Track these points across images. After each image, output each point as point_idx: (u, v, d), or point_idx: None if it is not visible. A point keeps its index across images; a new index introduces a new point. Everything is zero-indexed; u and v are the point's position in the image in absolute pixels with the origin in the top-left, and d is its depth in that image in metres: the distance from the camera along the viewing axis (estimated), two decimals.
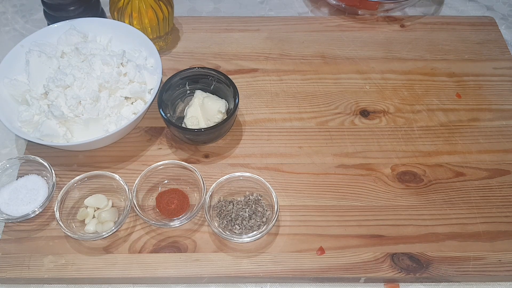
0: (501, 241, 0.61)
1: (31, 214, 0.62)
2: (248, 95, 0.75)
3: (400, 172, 0.67)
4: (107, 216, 0.61)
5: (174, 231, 0.62)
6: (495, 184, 0.66)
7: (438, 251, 0.60)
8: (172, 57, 0.79)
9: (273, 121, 0.72)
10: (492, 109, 0.74)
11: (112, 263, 0.59)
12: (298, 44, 0.81)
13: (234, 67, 0.78)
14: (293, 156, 0.68)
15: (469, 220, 0.63)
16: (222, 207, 0.62)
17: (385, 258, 0.60)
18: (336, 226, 0.62)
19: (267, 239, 0.61)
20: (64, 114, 0.64)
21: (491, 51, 0.80)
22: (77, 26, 0.73)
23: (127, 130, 0.68)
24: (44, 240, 0.61)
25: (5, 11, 0.90)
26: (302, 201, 0.64)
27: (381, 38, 0.82)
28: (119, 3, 0.74)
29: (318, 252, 0.60)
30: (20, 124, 0.65)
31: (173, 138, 0.70)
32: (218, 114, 0.67)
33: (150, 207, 0.63)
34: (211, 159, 0.68)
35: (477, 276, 0.59)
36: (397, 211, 0.63)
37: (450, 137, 0.70)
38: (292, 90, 0.76)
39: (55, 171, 0.64)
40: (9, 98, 0.68)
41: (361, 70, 0.78)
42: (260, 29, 0.83)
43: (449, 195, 0.65)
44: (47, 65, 0.68)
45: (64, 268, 0.59)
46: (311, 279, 0.59)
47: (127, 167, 0.67)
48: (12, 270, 0.59)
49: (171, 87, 0.70)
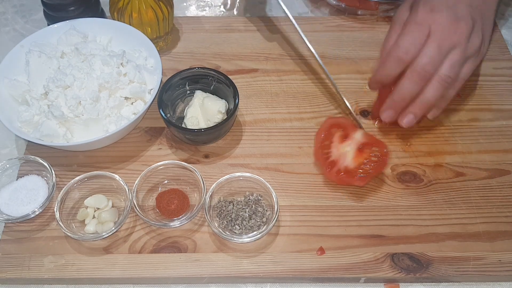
0: (501, 241, 0.61)
1: (31, 214, 0.62)
2: (248, 95, 0.75)
3: (400, 172, 0.67)
4: (107, 216, 0.61)
5: (174, 231, 0.62)
6: (495, 184, 0.66)
7: (438, 251, 0.60)
8: (172, 57, 0.79)
9: (273, 121, 0.72)
10: (492, 109, 0.74)
11: (112, 263, 0.59)
12: (298, 44, 0.81)
13: (234, 67, 0.78)
14: (293, 156, 0.68)
15: (469, 220, 0.63)
16: (222, 207, 0.62)
17: (385, 258, 0.60)
18: (336, 226, 0.62)
19: (267, 239, 0.61)
20: (64, 114, 0.64)
21: (491, 51, 0.80)
22: (77, 26, 0.73)
23: (127, 130, 0.68)
24: (44, 241, 0.61)
25: (5, 11, 0.90)
26: (302, 201, 0.64)
27: (381, 38, 0.81)
28: (119, 3, 0.74)
29: (318, 252, 0.60)
30: (20, 124, 0.65)
31: (173, 138, 0.70)
32: (218, 114, 0.67)
33: (150, 207, 0.63)
34: (211, 159, 0.68)
35: (477, 276, 0.59)
36: (397, 211, 0.63)
37: (450, 137, 0.70)
38: (292, 90, 0.76)
39: (55, 171, 0.64)
40: (9, 98, 0.68)
41: (361, 70, 0.78)
42: (260, 29, 0.83)
43: (449, 195, 0.65)
44: (47, 65, 0.68)
45: (64, 269, 0.59)
46: (311, 279, 0.59)
47: (127, 167, 0.67)
48: (12, 270, 0.59)
49: (171, 87, 0.70)
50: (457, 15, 0.61)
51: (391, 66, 0.62)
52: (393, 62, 0.62)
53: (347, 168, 0.63)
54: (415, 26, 0.61)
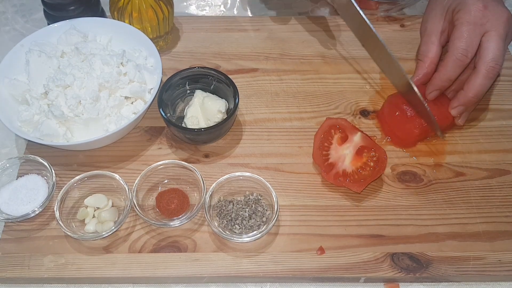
0: (501, 241, 0.61)
1: (31, 213, 0.62)
2: (248, 95, 0.75)
3: (400, 172, 0.67)
4: (107, 216, 0.61)
5: (174, 231, 0.62)
6: (495, 184, 0.66)
7: (438, 251, 0.60)
8: (172, 57, 0.79)
9: (273, 121, 0.72)
10: (492, 109, 0.74)
11: (112, 262, 0.59)
12: (298, 44, 0.81)
13: (234, 67, 0.78)
14: (293, 156, 0.68)
15: (469, 220, 0.63)
16: (222, 206, 0.62)
17: (385, 258, 0.60)
18: (336, 226, 0.62)
19: (267, 239, 0.61)
20: (64, 114, 0.64)
21: None
22: (77, 26, 0.73)
23: (127, 130, 0.68)
24: (44, 240, 0.61)
25: (5, 11, 0.90)
26: (302, 200, 0.64)
27: (380, 38, 0.82)
28: (119, 3, 0.74)
29: (318, 252, 0.60)
30: (20, 123, 0.65)
31: (173, 138, 0.70)
32: (218, 114, 0.67)
33: (150, 206, 0.63)
34: (211, 159, 0.68)
35: (477, 276, 0.59)
36: (397, 211, 0.63)
37: (450, 137, 0.70)
38: (292, 90, 0.76)
39: (55, 170, 0.64)
40: (9, 98, 0.68)
41: (361, 70, 0.78)
42: (260, 29, 0.83)
43: (449, 195, 0.65)
44: (47, 65, 0.68)
45: (64, 268, 0.59)
46: (311, 279, 0.59)
47: (127, 167, 0.67)
48: (12, 269, 0.59)
49: (171, 87, 0.70)
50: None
51: (452, 69, 0.64)
52: (454, 64, 0.64)
53: (345, 171, 0.64)
54: (471, 26, 0.64)
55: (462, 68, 0.65)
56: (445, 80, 0.66)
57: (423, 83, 0.69)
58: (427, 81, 0.69)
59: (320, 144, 0.65)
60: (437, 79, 0.66)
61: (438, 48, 0.68)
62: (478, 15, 0.64)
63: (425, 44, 0.69)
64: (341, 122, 0.66)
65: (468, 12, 0.64)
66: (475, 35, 0.64)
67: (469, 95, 0.64)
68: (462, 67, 0.65)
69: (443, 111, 0.67)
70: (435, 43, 0.68)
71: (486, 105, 0.74)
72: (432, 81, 0.67)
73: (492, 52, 0.63)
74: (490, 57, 0.63)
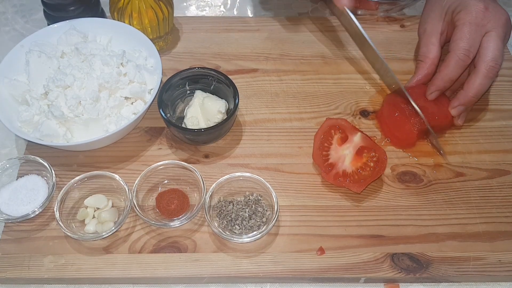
0: (501, 241, 0.61)
1: (31, 214, 0.62)
2: (248, 95, 0.75)
3: (400, 172, 0.67)
4: (107, 216, 0.61)
5: (174, 231, 0.62)
6: (495, 184, 0.66)
7: (438, 251, 0.60)
8: (172, 57, 0.79)
9: (273, 121, 0.72)
10: (492, 109, 0.74)
11: (112, 263, 0.59)
12: (298, 44, 0.81)
13: (234, 67, 0.78)
14: (293, 156, 0.68)
15: (469, 220, 0.63)
16: (222, 207, 0.62)
17: (385, 258, 0.60)
18: (336, 226, 0.62)
19: (267, 239, 0.61)
20: (64, 114, 0.64)
21: None
22: (77, 26, 0.73)
23: (127, 130, 0.68)
24: (44, 240, 0.61)
25: (5, 11, 0.90)
26: (302, 201, 0.64)
27: (381, 38, 0.82)
28: (119, 3, 0.74)
29: (318, 252, 0.60)
30: (20, 124, 0.65)
31: (173, 138, 0.70)
32: (218, 114, 0.67)
33: (150, 207, 0.63)
34: (211, 159, 0.68)
35: (477, 276, 0.59)
36: (397, 211, 0.63)
37: (450, 137, 0.70)
38: (292, 90, 0.76)
39: (55, 171, 0.64)
40: (9, 98, 0.68)
41: (361, 70, 0.78)
42: (260, 29, 0.83)
43: (449, 195, 0.65)
44: (47, 65, 0.68)
45: (64, 268, 0.59)
46: (311, 279, 0.59)
47: (127, 167, 0.67)
48: (12, 270, 0.59)
49: (171, 87, 0.70)
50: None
51: (454, 69, 0.65)
52: (456, 65, 0.64)
53: (345, 172, 0.64)
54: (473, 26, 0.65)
55: (463, 68, 0.65)
56: (447, 80, 0.66)
57: (423, 83, 0.69)
58: (427, 82, 0.69)
59: (320, 145, 0.65)
60: (439, 80, 0.66)
61: (439, 49, 0.69)
62: (480, 16, 0.64)
63: (426, 45, 0.69)
64: (341, 123, 0.66)
65: (470, 13, 0.65)
66: (477, 35, 0.64)
67: (469, 95, 0.65)
68: (464, 67, 0.65)
69: (443, 111, 0.67)
70: (436, 44, 0.68)
71: (486, 105, 0.74)
72: (433, 81, 0.67)
73: (492, 52, 0.63)
74: (490, 57, 0.63)
